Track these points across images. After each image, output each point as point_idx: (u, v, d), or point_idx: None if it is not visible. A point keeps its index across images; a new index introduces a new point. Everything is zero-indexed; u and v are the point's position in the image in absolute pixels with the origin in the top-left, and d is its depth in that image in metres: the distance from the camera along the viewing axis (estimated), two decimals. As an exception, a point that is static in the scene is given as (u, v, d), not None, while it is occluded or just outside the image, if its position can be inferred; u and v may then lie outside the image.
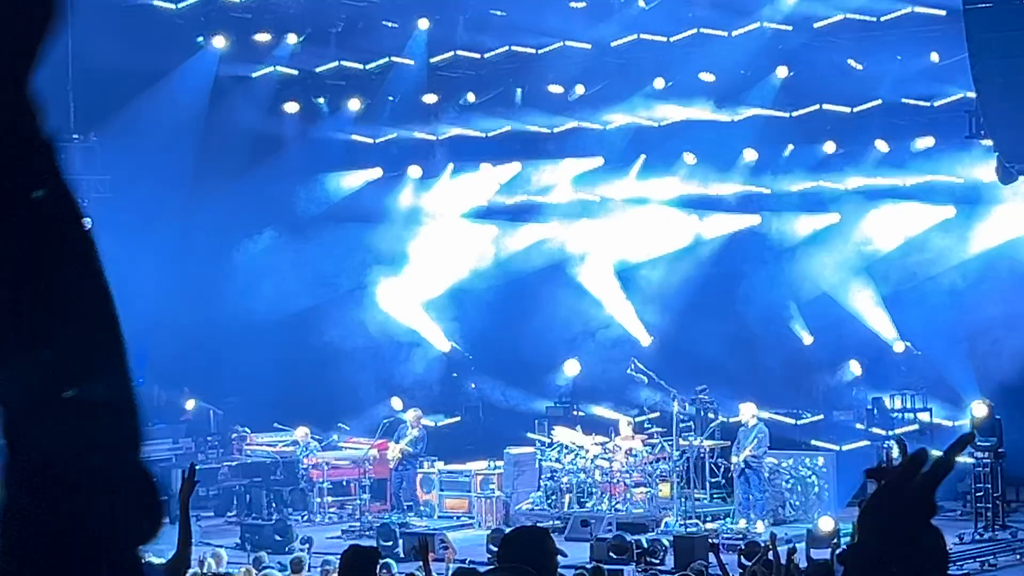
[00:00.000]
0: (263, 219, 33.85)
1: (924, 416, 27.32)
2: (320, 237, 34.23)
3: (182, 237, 32.45)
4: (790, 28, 29.68)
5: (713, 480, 27.26)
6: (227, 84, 32.89)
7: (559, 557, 8.21)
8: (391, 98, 33.57)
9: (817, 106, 30.38)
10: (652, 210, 32.67)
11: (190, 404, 32.62)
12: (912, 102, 29.54)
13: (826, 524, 23.54)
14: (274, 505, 28.77)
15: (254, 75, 33.44)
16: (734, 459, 26.82)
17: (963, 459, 23.84)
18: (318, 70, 33.67)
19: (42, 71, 2.08)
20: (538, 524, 25.74)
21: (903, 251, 30.15)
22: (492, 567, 10.96)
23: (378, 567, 9.40)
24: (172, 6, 31.49)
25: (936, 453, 3.18)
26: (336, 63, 33.20)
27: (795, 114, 30.71)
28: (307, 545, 24.92)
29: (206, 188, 31.88)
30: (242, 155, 32.66)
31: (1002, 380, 27.35)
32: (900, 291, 29.79)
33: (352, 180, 34.89)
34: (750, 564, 16.16)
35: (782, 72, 30.30)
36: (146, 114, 31.42)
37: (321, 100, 34.26)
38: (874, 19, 28.88)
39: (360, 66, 33.19)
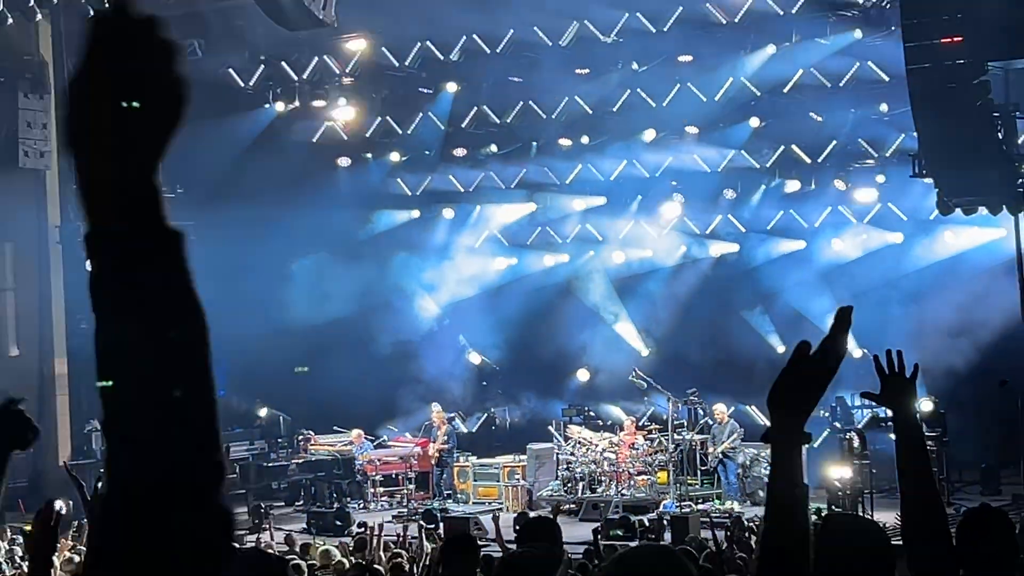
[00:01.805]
0: (317, 245, 34.11)
1: (880, 413, 27.35)
2: (366, 259, 34.33)
3: (247, 265, 32.29)
4: (758, 94, 29.83)
5: (703, 468, 27.33)
6: (289, 141, 33.04)
7: None
8: (427, 152, 33.82)
9: (783, 148, 30.42)
10: (648, 239, 32.69)
11: (263, 411, 32.79)
12: (865, 146, 29.58)
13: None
14: (335, 495, 28.80)
15: (314, 140, 33.84)
16: (711, 450, 27.20)
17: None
18: (367, 135, 33.87)
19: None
20: (561, 505, 26.16)
21: (859, 269, 30.08)
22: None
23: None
24: (240, 83, 31.86)
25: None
26: (379, 118, 33.53)
27: (767, 163, 30.82)
28: (363, 528, 24.81)
29: (269, 219, 32.00)
30: (302, 193, 32.66)
31: (945, 379, 27.32)
32: (857, 305, 29.62)
33: (395, 217, 35.03)
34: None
35: (754, 122, 30.25)
36: (220, 163, 31.55)
37: (368, 155, 34.36)
38: (830, 82, 28.92)
39: (399, 128, 33.52)
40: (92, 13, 2.32)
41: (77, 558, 17.13)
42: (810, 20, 28.06)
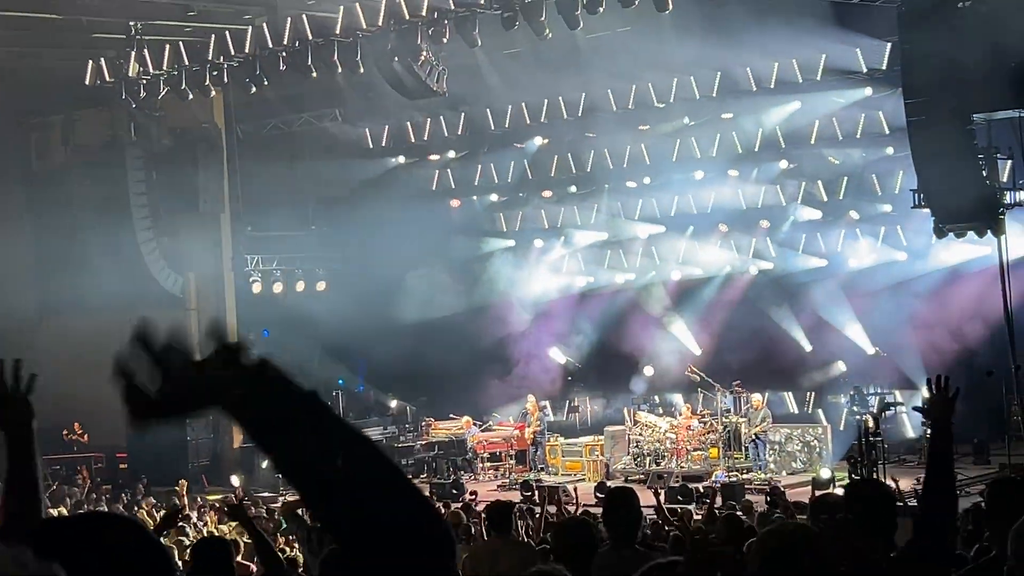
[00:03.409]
0: (429, 263, 34.36)
1: (890, 399, 27.39)
2: (470, 274, 34.82)
3: (373, 282, 32.94)
4: (783, 146, 30.13)
5: (746, 446, 27.20)
6: (412, 184, 33.72)
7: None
8: (520, 194, 34.20)
9: (807, 184, 30.43)
10: (699, 259, 32.83)
11: (393, 403, 33.11)
12: (874, 183, 29.58)
13: (825, 474, 23.99)
14: (451, 469, 29.09)
15: (432, 188, 34.32)
16: (746, 432, 27.20)
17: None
18: (475, 182, 34.24)
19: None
20: (628, 478, 26.55)
21: (871, 281, 29.72)
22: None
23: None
24: (371, 142, 32.45)
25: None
26: (480, 167, 33.84)
27: (795, 197, 30.88)
28: (474, 496, 25.18)
29: (388, 238, 32.45)
30: (422, 225, 33.08)
31: (942, 369, 27.31)
32: (870, 311, 29.71)
33: (494, 244, 35.29)
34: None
35: (783, 164, 30.40)
36: (356, 201, 32.16)
37: (474, 197, 34.64)
38: (845, 131, 29.06)
39: (497, 175, 33.86)
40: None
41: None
42: (828, 81, 27.96)
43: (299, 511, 11.79)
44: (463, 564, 10.00)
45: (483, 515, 13.18)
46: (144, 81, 27.84)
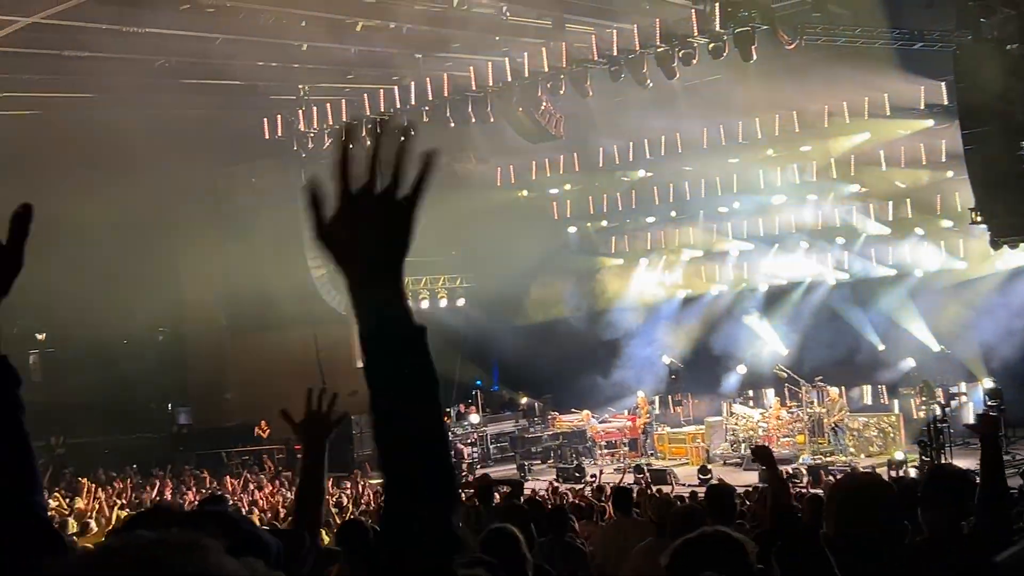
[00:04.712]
0: (549, 276, 34.73)
1: (954, 390, 27.07)
2: (587, 285, 34.94)
3: (503, 297, 33.26)
4: (852, 173, 29.93)
5: (827, 433, 27.07)
6: (533, 214, 34.06)
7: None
8: (627, 220, 34.38)
9: (877, 204, 30.37)
10: (783, 271, 32.83)
11: (523, 399, 33.29)
12: (936, 203, 29.33)
13: (899, 456, 23.85)
14: (573, 455, 29.32)
15: (553, 216, 34.57)
16: (827, 421, 27.12)
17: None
18: (591, 211, 34.43)
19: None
20: (726, 462, 26.56)
21: (935, 288, 29.54)
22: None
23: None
24: (499, 181, 32.67)
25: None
26: (590, 197, 34.11)
27: (868, 216, 30.77)
28: (594, 477, 25.33)
29: (515, 260, 32.69)
30: (540, 243, 33.52)
31: (1001, 364, 27.04)
32: (934, 312, 29.42)
33: (606, 263, 35.52)
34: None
35: (854, 187, 30.50)
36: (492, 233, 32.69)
37: (588, 224, 34.94)
38: (910, 157, 28.94)
39: (607, 203, 34.07)
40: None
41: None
42: (893, 116, 27.81)
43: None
44: (594, 541, 10.28)
45: (609, 498, 13.46)
46: (311, 134, 28.53)
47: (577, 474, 26.32)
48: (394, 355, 1.88)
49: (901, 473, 20.25)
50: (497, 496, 11.94)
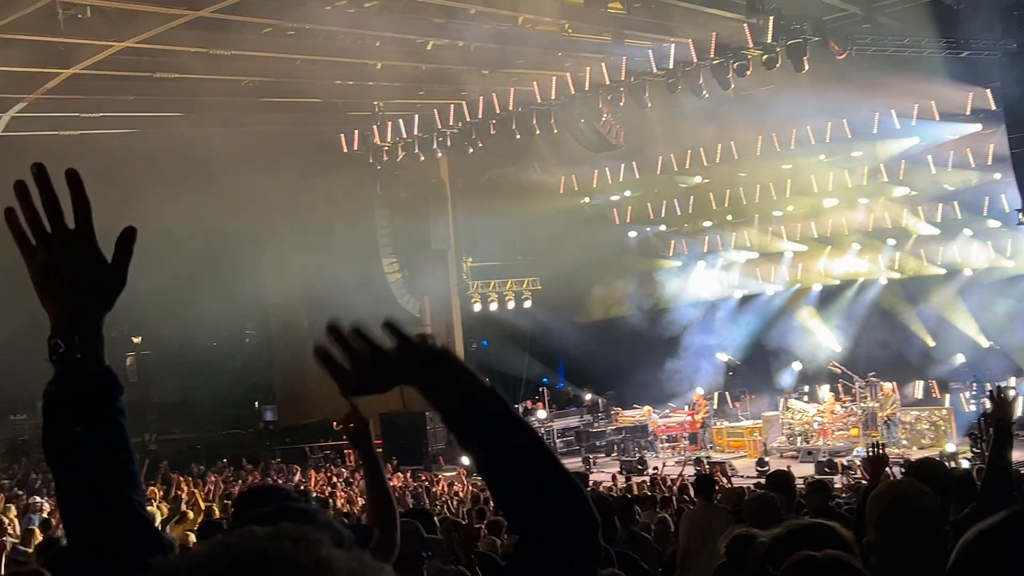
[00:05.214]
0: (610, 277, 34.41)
1: (1003, 384, 26.58)
2: (648, 286, 34.63)
3: (567, 299, 33.07)
4: (901, 177, 29.52)
5: (880, 426, 26.54)
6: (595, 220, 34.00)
7: None
8: (685, 225, 34.10)
9: (925, 206, 29.90)
10: (835, 271, 32.43)
11: (588, 395, 33.10)
12: (984, 203, 28.53)
13: (950, 448, 23.56)
14: (636, 449, 29.12)
15: (615, 221, 34.44)
16: (880, 415, 26.77)
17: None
18: (651, 216, 34.15)
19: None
20: (783, 455, 26.31)
21: (983, 285, 29.02)
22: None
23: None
24: (562, 189, 32.58)
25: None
26: (649, 204, 33.79)
27: (917, 216, 30.30)
28: (655, 470, 25.17)
29: (578, 263, 32.23)
30: (602, 247, 33.12)
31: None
32: (982, 308, 28.98)
33: (665, 264, 35.17)
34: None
35: (904, 190, 29.85)
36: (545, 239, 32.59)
37: (647, 228, 34.73)
38: (958, 160, 28.35)
39: (665, 209, 33.80)
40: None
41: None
42: (941, 121, 27.30)
43: None
44: (681, 527, 10.23)
45: (693, 485, 13.39)
46: (386, 147, 28.72)
47: (639, 467, 26.15)
48: (479, 424, 1.92)
49: (953, 464, 19.91)
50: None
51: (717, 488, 11.89)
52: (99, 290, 2.01)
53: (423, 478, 24.32)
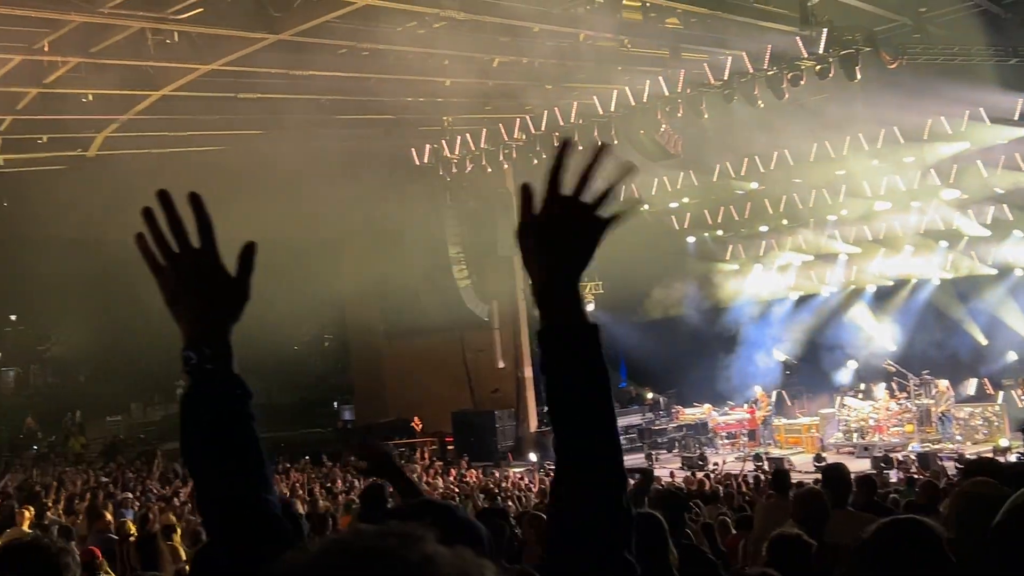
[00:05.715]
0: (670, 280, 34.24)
1: None
2: (706, 289, 34.40)
3: (628, 301, 32.82)
4: (951, 182, 28.92)
5: (935, 422, 26.39)
6: (654, 228, 33.68)
7: None
8: (743, 229, 33.77)
9: (975, 209, 29.30)
10: (890, 272, 31.97)
11: (649, 394, 33.13)
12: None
13: (1004, 443, 23.18)
14: (696, 446, 28.93)
15: (674, 227, 34.04)
16: (934, 411, 26.45)
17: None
18: (708, 221, 33.97)
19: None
20: (840, 451, 25.95)
21: None
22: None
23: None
24: (622, 196, 32.44)
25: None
26: (705, 210, 33.70)
27: (966, 219, 29.75)
28: (716, 466, 24.98)
29: (638, 268, 31.55)
30: (662, 253, 32.83)
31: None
32: None
33: (722, 267, 34.89)
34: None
35: (954, 192, 29.23)
36: (607, 244, 32.28)
37: (706, 234, 34.46)
38: (1009, 163, 27.83)
39: (722, 214, 33.64)
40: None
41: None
42: (991, 126, 26.83)
43: None
44: (755, 517, 10.09)
45: (769, 478, 13.24)
46: (455, 160, 28.91)
47: (700, 463, 25.99)
48: (570, 349, 1.87)
49: (1007, 459, 19.50)
50: (631, 482, 11.84)
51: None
52: (226, 304, 2.05)
53: (495, 474, 24.37)
